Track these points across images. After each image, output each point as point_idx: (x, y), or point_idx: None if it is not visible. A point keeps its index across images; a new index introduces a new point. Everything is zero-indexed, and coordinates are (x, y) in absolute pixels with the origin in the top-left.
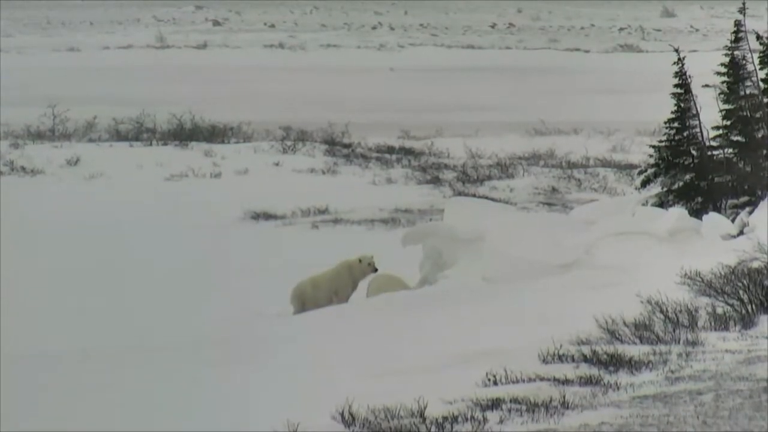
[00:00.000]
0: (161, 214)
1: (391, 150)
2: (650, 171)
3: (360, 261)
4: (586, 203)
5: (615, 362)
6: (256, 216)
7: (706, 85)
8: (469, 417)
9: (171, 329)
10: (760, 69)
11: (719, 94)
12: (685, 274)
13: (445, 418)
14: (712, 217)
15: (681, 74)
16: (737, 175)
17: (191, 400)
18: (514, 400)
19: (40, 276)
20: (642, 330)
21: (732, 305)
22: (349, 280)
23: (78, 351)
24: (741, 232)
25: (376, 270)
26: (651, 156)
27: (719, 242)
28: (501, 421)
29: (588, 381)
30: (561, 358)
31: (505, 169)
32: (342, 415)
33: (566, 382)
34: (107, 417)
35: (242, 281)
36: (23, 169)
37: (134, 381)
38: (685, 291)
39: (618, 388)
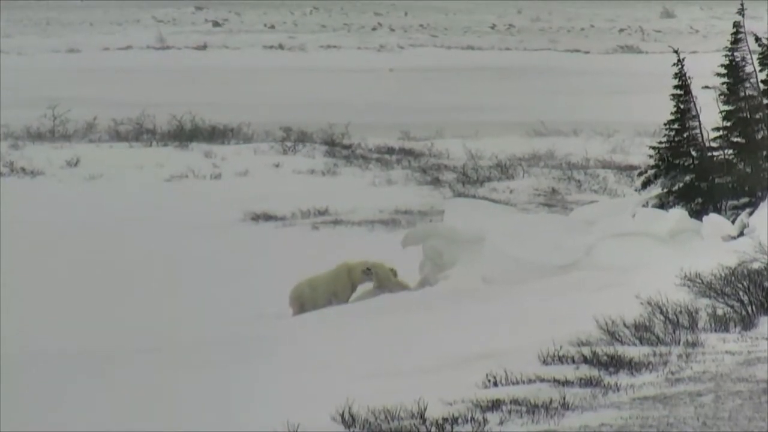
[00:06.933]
0: (161, 215)
1: (391, 151)
2: (650, 172)
3: (363, 271)
4: (586, 204)
5: (615, 363)
6: (256, 217)
7: (706, 87)
8: (469, 418)
9: (171, 330)
10: (760, 71)
11: (719, 95)
12: (686, 276)
13: (445, 420)
14: (712, 219)
15: (681, 75)
16: (737, 177)
17: (191, 400)
18: (514, 402)
19: (40, 276)
20: (642, 331)
21: (732, 306)
22: (349, 282)
23: (78, 351)
24: (741, 234)
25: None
26: (651, 157)
27: (719, 243)
28: (501, 423)
29: (588, 382)
30: (561, 359)
31: (505, 170)
32: (342, 416)
33: (566, 383)
34: (106, 417)
35: (242, 282)
36: (23, 170)
37: (134, 381)
38: (686, 292)
39: (618, 390)
